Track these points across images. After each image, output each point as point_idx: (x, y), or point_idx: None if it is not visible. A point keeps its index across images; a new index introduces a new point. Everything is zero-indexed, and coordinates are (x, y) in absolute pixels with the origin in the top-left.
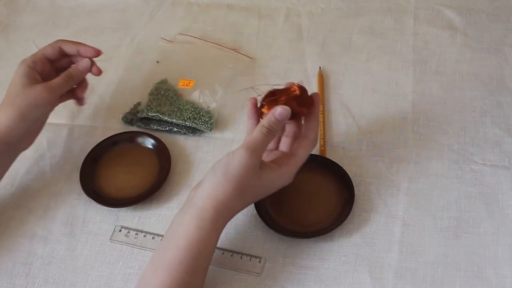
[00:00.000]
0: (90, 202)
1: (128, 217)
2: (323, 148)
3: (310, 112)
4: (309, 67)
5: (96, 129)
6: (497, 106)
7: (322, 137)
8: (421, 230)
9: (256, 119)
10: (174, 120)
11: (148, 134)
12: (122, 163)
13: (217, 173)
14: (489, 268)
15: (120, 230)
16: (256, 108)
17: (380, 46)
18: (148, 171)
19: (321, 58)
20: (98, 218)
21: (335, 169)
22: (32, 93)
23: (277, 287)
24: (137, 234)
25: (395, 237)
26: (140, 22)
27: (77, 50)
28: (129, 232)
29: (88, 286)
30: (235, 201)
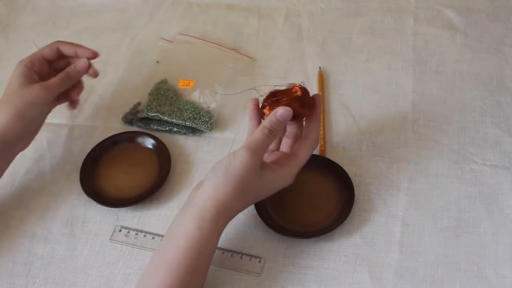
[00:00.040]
0: (90, 202)
1: (128, 217)
2: (323, 148)
3: (312, 113)
4: (309, 67)
5: (96, 129)
6: (497, 106)
7: (322, 137)
8: (421, 230)
9: (258, 120)
10: (174, 120)
11: (148, 134)
12: (122, 163)
13: (218, 173)
14: (489, 268)
15: (120, 230)
16: (258, 109)
17: (380, 46)
18: (148, 171)
19: (321, 58)
20: (98, 218)
21: (335, 169)
22: (29, 93)
23: (277, 287)
24: (137, 234)
25: (395, 237)
26: (140, 22)
27: (75, 52)
28: (129, 232)
29: (88, 286)
30: (236, 202)
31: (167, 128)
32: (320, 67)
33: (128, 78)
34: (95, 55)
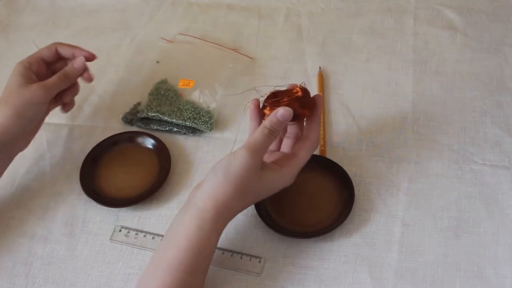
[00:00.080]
0: (90, 202)
1: (128, 217)
2: (323, 148)
3: (312, 114)
4: (309, 67)
5: (96, 129)
6: (497, 106)
7: (322, 137)
8: (421, 230)
9: (259, 120)
10: (174, 120)
11: (148, 134)
12: (122, 163)
13: (218, 174)
14: (489, 268)
15: (120, 230)
16: (258, 109)
17: (380, 46)
18: (148, 171)
19: (321, 58)
20: (98, 218)
21: (335, 169)
22: (28, 92)
23: (277, 287)
24: (137, 234)
25: (395, 237)
26: (140, 22)
27: (73, 54)
28: (129, 232)
29: (88, 286)
30: (236, 202)
31: (167, 128)
32: (320, 67)
33: (128, 78)
34: (93, 57)
